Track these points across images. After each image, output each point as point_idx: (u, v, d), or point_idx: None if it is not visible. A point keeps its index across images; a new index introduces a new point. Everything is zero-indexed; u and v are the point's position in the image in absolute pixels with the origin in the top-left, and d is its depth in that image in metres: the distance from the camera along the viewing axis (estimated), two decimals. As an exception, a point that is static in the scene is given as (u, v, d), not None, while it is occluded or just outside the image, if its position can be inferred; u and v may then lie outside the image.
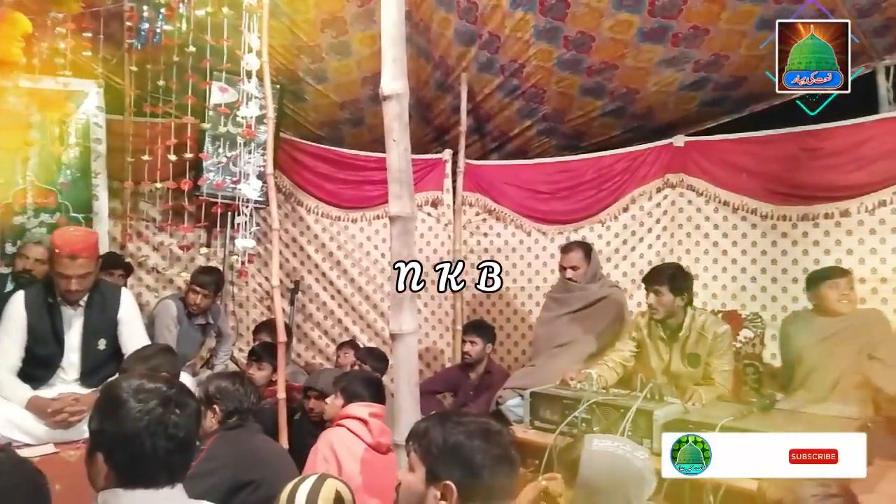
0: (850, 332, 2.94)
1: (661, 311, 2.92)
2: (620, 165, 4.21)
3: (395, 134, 2.16)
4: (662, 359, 3.01)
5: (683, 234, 3.97)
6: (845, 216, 3.48)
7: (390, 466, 2.18)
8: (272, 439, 2.47)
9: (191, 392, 1.41)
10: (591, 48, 4.04)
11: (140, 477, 1.27)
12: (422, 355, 4.35)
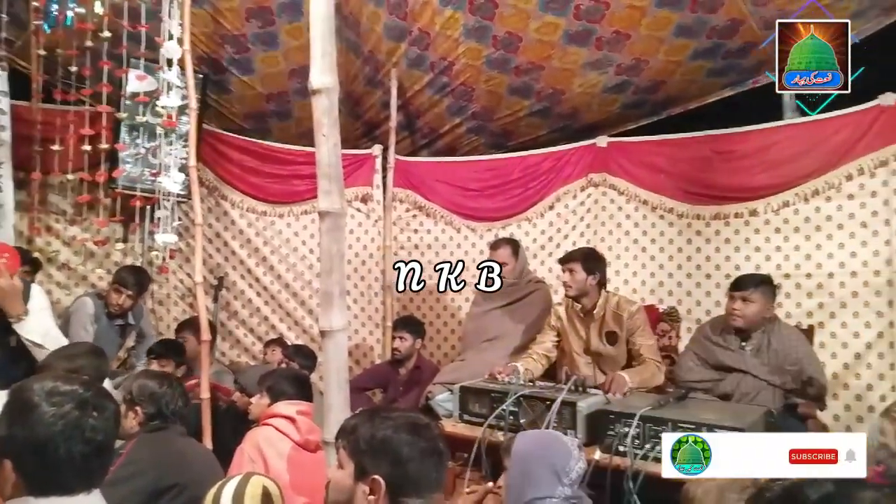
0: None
1: (573, 287, 3.08)
2: (547, 164, 4.32)
3: (324, 129, 2.14)
4: (581, 338, 3.15)
5: (606, 231, 4.12)
6: (754, 215, 3.70)
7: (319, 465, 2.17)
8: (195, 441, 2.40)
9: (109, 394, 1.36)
10: (519, 48, 4.12)
11: (53, 484, 1.21)
12: (351, 352, 4.32)
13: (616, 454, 2.22)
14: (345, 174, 2.24)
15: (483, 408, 2.61)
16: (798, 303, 3.52)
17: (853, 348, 3.38)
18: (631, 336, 3.03)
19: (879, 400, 3.25)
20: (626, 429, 2.23)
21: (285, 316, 4.54)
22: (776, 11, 3.65)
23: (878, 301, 3.34)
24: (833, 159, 3.48)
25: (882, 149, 3.36)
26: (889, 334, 3.29)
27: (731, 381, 2.91)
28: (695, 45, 3.95)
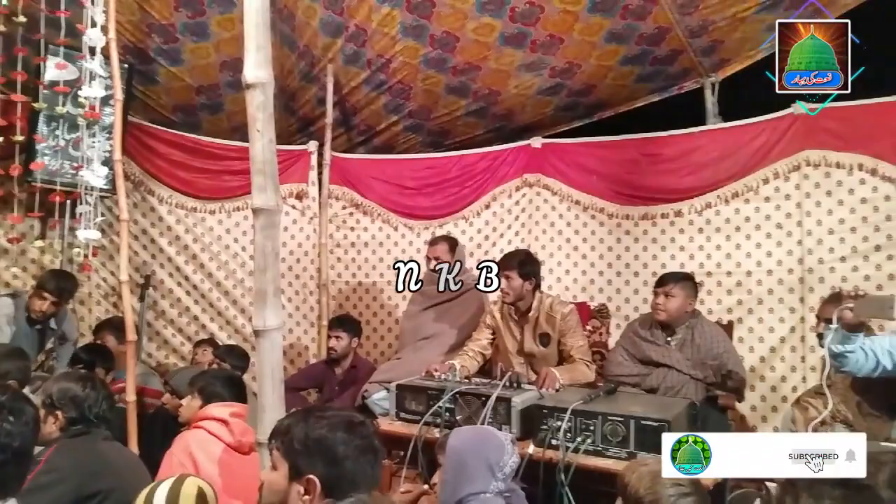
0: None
1: (511, 294, 3.10)
2: (483, 164, 4.37)
3: (259, 124, 2.09)
4: (516, 339, 3.20)
5: (540, 230, 4.21)
6: (679, 216, 3.86)
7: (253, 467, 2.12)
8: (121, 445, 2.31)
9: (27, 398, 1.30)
10: (456, 48, 4.15)
11: (-35, 492, 1.15)
12: (285, 351, 4.24)
13: (549, 447, 2.27)
14: (279, 170, 2.20)
15: (420, 405, 2.62)
16: (719, 299, 3.70)
17: (769, 342, 3.58)
18: (563, 337, 3.10)
19: (792, 391, 3.46)
20: (559, 423, 2.29)
21: (216, 315, 4.42)
22: (700, 21, 3.84)
23: (791, 298, 3.55)
24: (751, 163, 3.68)
25: (795, 154, 3.57)
26: (800, 329, 3.51)
27: (657, 376, 3.03)
28: (624, 51, 4.09)
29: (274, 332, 2.05)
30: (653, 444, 2.17)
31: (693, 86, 4.35)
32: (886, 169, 3.37)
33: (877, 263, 3.37)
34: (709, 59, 4.17)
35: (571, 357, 3.04)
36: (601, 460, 2.22)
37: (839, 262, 3.45)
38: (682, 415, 2.37)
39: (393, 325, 4.41)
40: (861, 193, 3.42)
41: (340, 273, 4.55)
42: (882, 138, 3.38)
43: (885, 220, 3.37)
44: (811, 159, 3.53)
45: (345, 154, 4.68)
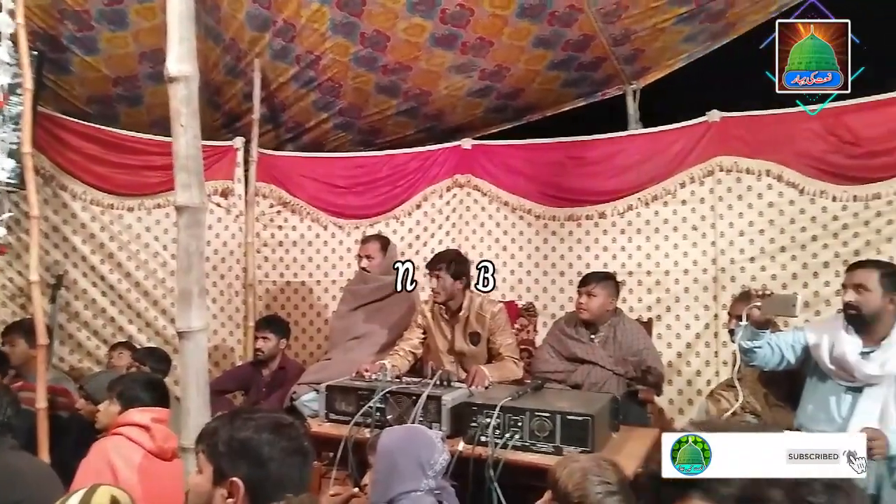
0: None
1: (442, 294, 3.13)
2: (414, 164, 4.38)
3: (182, 119, 2.03)
4: (446, 338, 3.23)
5: (470, 230, 4.26)
6: (602, 218, 4.00)
7: (176, 473, 2.06)
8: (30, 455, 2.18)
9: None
10: (387, 47, 4.14)
11: None
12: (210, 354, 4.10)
13: (478, 444, 2.31)
14: (204, 167, 2.14)
15: (350, 406, 2.61)
16: (639, 298, 3.86)
17: (685, 339, 3.76)
18: (492, 336, 3.15)
19: (706, 384, 3.64)
20: (488, 420, 2.33)
21: (135, 317, 4.23)
22: (623, 30, 3.99)
23: (705, 296, 3.74)
24: (670, 168, 3.85)
25: (710, 160, 3.76)
26: (714, 325, 3.70)
27: (581, 372, 3.14)
28: (551, 56, 4.20)
29: (199, 334, 2.00)
30: (578, 438, 2.25)
31: (616, 92, 4.51)
32: (790, 175, 3.60)
33: (782, 263, 3.60)
34: (631, 67, 4.34)
35: (500, 355, 3.10)
36: (529, 455, 2.28)
37: (749, 263, 3.66)
38: (605, 409, 2.47)
39: (322, 326, 4.36)
40: (768, 198, 3.65)
41: (268, 273, 4.45)
42: (786, 146, 3.61)
43: (789, 223, 3.60)
44: (724, 165, 3.73)
45: (273, 151, 4.58)
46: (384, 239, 3.72)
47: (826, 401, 2.56)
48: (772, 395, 2.89)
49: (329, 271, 4.43)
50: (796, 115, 3.62)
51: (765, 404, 2.89)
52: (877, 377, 2.44)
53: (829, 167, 3.54)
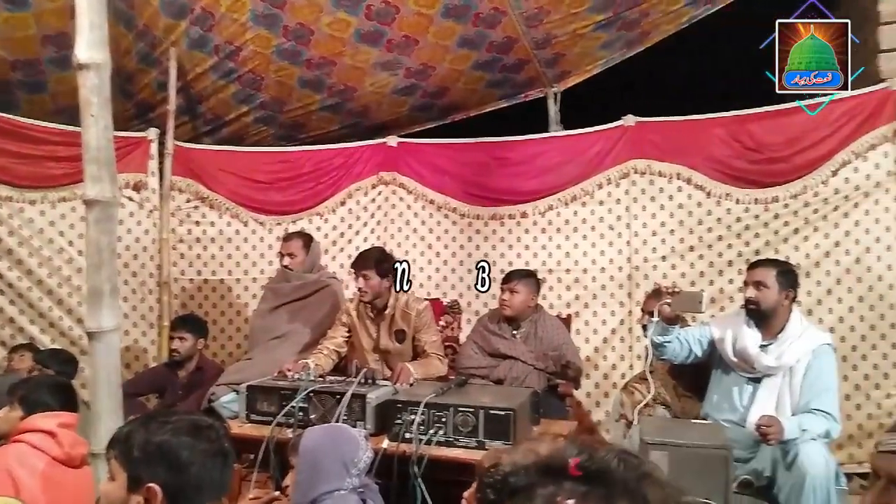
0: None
1: (369, 293, 3.13)
2: (338, 160, 4.33)
3: (93, 108, 1.93)
4: (371, 337, 3.23)
5: (395, 228, 4.25)
6: (524, 217, 4.09)
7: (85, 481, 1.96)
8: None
9: None
10: (311, 41, 4.07)
11: None
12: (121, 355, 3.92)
13: (403, 441, 2.33)
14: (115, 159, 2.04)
15: (272, 406, 2.56)
16: (559, 295, 3.97)
17: (601, 334, 3.91)
18: (417, 333, 3.18)
19: (621, 377, 3.80)
20: (413, 416, 2.35)
21: (37, 317, 3.96)
22: (544, 34, 4.10)
23: (620, 293, 3.90)
24: (588, 169, 3.99)
25: (625, 162, 3.92)
26: (628, 321, 3.87)
27: (504, 367, 3.21)
28: (476, 57, 4.26)
29: (110, 334, 1.91)
30: (500, 432, 2.30)
31: (538, 94, 4.62)
32: (698, 179, 3.81)
33: (690, 262, 3.81)
34: (552, 71, 4.46)
35: (425, 352, 3.13)
36: (453, 450, 2.32)
37: (660, 261, 3.85)
38: (526, 403, 2.54)
39: (242, 325, 4.24)
40: (678, 200, 3.85)
41: (184, 270, 4.28)
42: (695, 151, 3.82)
43: (697, 224, 3.81)
44: (638, 167, 3.90)
45: (189, 144, 4.41)
46: (307, 236, 3.66)
47: (729, 391, 2.73)
48: (681, 387, 3.05)
49: (249, 269, 4.31)
50: (704, 122, 3.85)
51: (674, 395, 3.05)
52: (774, 368, 2.63)
53: (734, 171, 3.77)
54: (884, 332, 3.53)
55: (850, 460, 3.42)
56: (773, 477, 2.48)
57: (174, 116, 4.20)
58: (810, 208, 3.64)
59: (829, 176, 3.61)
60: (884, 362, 3.53)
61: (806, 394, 2.57)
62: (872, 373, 3.54)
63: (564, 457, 0.74)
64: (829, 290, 3.60)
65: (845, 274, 3.58)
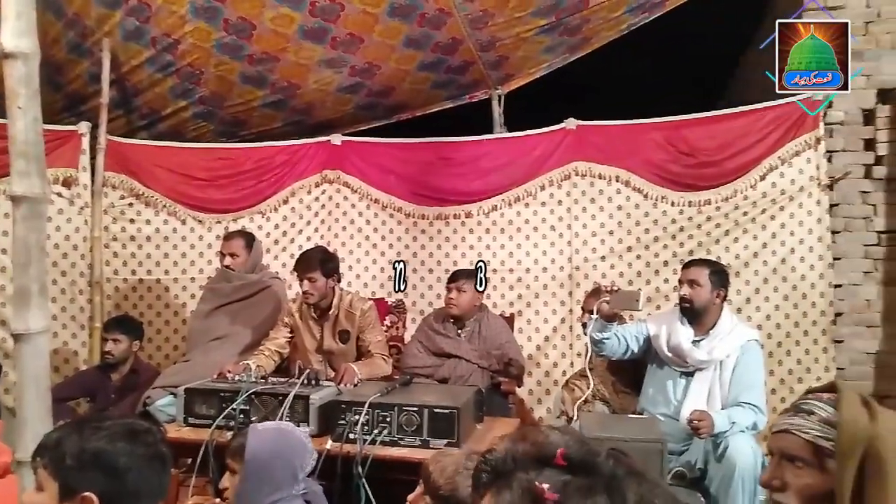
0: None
1: (315, 294, 3.10)
2: (281, 158, 4.26)
3: (20, 100, 1.85)
4: (315, 338, 3.20)
5: (339, 227, 4.22)
6: (469, 217, 4.12)
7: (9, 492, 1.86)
8: None
9: None
10: (253, 36, 3.99)
11: None
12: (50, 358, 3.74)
13: (347, 442, 2.32)
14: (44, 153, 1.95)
15: (211, 409, 2.51)
16: (503, 294, 4.03)
17: (543, 332, 3.98)
18: (362, 333, 3.16)
19: (562, 375, 3.88)
20: (357, 416, 2.34)
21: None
22: (489, 36, 4.14)
23: (561, 292, 3.98)
24: (531, 171, 4.05)
25: (566, 164, 4.01)
26: (569, 320, 3.95)
27: (448, 366, 3.24)
28: (421, 57, 4.26)
29: (38, 336, 1.83)
30: (445, 431, 2.32)
31: (483, 96, 4.67)
32: (636, 181, 3.93)
33: (628, 262, 3.93)
34: (496, 73, 4.51)
35: (369, 352, 3.12)
36: (397, 450, 2.32)
37: (600, 261, 3.95)
38: (470, 401, 2.57)
39: (180, 326, 4.12)
40: (617, 201, 3.96)
41: (117, 270, 4.13)
42: (633, 155, 3.94)
43: (635, 225, 3.93)
44: (579, 169, 3.99)
45: (124, 138, 4.25)
46: (249, 235, 3.59)
47: (664, 385, 2.84)
48: (619, 383, 3.15)
49: (187, 268, 4.20)
50: (642, 127, 3.98)
51: (613, 391, 3.14)
52: (705, 362, 2.75)
53: (669, 175, 3.91)
54: (806, 328, 3.74)
55: (776, 451, 3.60)
56: (704, 468, 2.59)
57: (107, 110, 4.04)
58: (740, 211, 3.82)
59: (758, 180, 3.80)
60: (806, 357, 3.74)
61: (735, 387, 2.70)
62: (796, 367, 3.73)
63: (553, 445, 0.76)
64: (756, 289, 3.78)
65: (772, 274, 3.77)
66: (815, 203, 3.77)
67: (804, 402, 1.22)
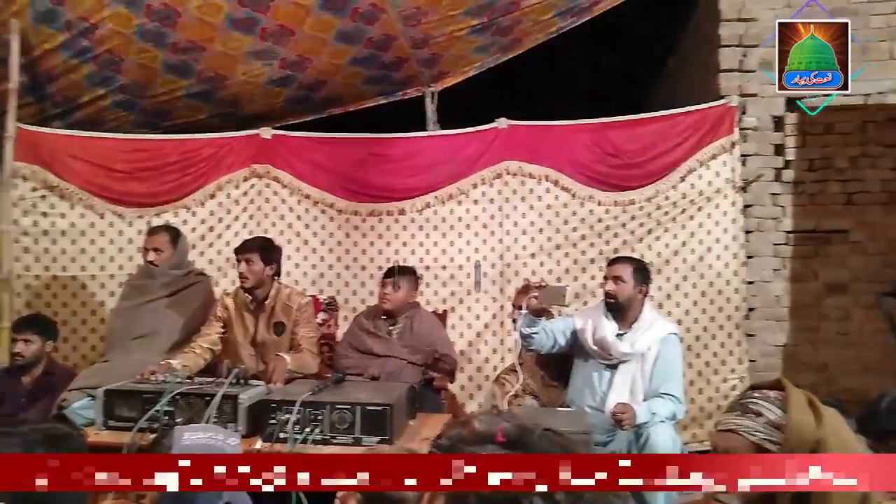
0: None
1: (251, 279, 3.07)
2: (207, 151, 4.12)
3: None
4: (248, 329, 3.16)
5: (269, 223, 4.13)
6: (402, 214, 4.12)
7: None
8: None
9: None
10: (178, 24, 3.85)
11: None
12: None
13: (277, 441, 2.28)
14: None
15: (133, 411, 2.41)
16: (435, 291, 4.05)
17: (475, 329, 4.03)
18: (296, 327, 3.13)
19: (493, 370, 3.94)
20: (288, 416, 2.31)
21: None
22: (422, 34, 4.16)
23: (493, 289, 4.05)
24: (463, 169, 4.09)
25: (498, 163, 4.07)
26: (500, 316, 4.02)
27: (378, 364, 3.23)
28: (354, 52, 4.23)
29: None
30: (377, 428, 2.32)
31: (416, 93, 4.68)
32: (565, 181, 4.04)
33: (557, 259, 4.04)
34: (429, 71, 4.53)
35: (300, 346, 3.10)
36: (329, 448, 2.31)
37: (530, 258, 4.04)
38: (403, 398, 2.58)
39: (98, 325, 3.93)
40: (547, 200, 4.06)
41: (29, 266, 3.89)
42: (562, 155, 4.05)
43: (563, 223, 4.04)
44: (510, 169, 4.07)
45: (36, 127, 4.01)
46: (175, 230, 3.46)
47: (590, 378, 2.94)
48: (547, 377, 3.23)
49: (106, 264, 4.00)
50: (571, 128, 4.09)
51: (541, 385, 3.22)
52: (628, 355, 2.87)
53: (596, 175, 4.04)
54: (722, 323, 3.96)
55: (694, 440, 3.81)
56: (628, 457, 2.70)
57: (17, 96, 3.80)
58: (662, 211, 3.99)
59: (678, 182, 3.99)
60: (722, 350, 3.95)
61: (655, 379, 2.83)
62: (712, 360, 3.95)
63: (494, 426, 0.88)
64: (676, 286, 3.97)
65: (690, 271, 3.97)
66: (731, 204, 3.99)
67: (752, 401, 1.24)
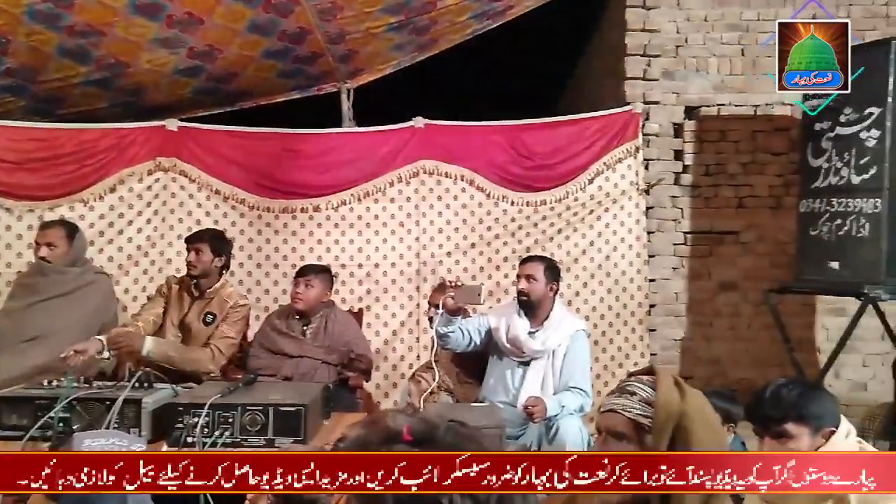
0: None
1: (198, 268, 3.13)
2: (107, 142, 3.90)
3: None
4: (182, 311, 3.17)
5: (175, 219, 3.95)
6: (317, 211, 4.06)
7: None
8: None
9: None
10: (74, 6, 3.60)
11: None
12: None
13: (185, 446, 2.19)
14: None
15: (24, 418, 2.24)
16: (351, 289, 4.03)
17: (391, 327, 4.04)
18: (221, 322, 3.11)
19: (409, 368, 3.96)
20: (196, 419, 2.22)
21: None
22: (338, 29, 4.11)
23: (409, 287, 4.07)
24: (380, 167, 4.09)
25: (415, 162, 4.09)
26: (416, 314, 4.05)
27: (291, 364, 3.17)
28: (267, 44, 4.12)
29: None
30: (291, 429, 2.28)
31: (331, 89, 4.62)
32: (480, 181, 4.12)
33: (472, 258, 4.11)
34: (345, 67, 4.48)
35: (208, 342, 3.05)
36: (240, 451, 2.24)
37: (446, 257, 4.09)
38: (318, 398, 2.54)
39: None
40: (462, 200, 4.12)
41: None
42: (478, 155, 4.13)
43: (478, 222, 4.12)
44: (427, 168, 4.10)
45: None
46: (70, 225, 3.25)
47: (503, 374, 3.02)
48: (462, 374, 3.28)
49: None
50: (486, 129, 4.18)
51: (457, 382, 3.27)
52: (540, 352, 2.96)
53: (510, 176, 4.15)
54: (626, 319, 4.16)
55: (599, 430, 3.97)
56: (539, 450, 2.79)
57: None
58: (571, 211, 4.14)
59: (587, 184, 4.15)
60: (625, 344, 4.16)
61: (565, 374, 2.94)
62: (617, 354, 4.14)
63: (399, 424, 0.87)
64: (584, 283, 4.13)
65: (597, 269, 4.14)
66: (635, 206, 4.20)
67: (627, 383, 1.37)
